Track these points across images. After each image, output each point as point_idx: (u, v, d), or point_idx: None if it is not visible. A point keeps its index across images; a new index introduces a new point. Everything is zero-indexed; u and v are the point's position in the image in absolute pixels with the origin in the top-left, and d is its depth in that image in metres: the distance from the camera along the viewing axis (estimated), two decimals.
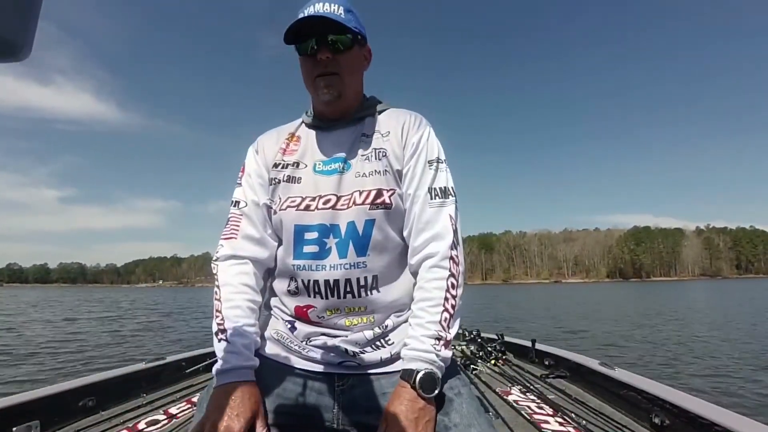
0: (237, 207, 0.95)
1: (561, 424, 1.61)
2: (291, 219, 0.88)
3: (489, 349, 2.71)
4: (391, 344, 0.87)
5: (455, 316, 0.82)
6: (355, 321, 0.87)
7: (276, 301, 0.96)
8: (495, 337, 2.95)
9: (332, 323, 0.87)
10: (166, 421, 1.68)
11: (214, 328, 0.85)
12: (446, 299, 0.81)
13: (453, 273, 0.83)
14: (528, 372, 2.38)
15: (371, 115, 0.96)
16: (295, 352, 0.89)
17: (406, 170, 0.89)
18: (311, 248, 0.86)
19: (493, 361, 2.60)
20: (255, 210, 0.94)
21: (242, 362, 0.81)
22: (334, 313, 0.87)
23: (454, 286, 0.82)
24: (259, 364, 0.84)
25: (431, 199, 0.87)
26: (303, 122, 1.00)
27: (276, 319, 0.94)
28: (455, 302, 0.82)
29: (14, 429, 1.41)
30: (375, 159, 0.89)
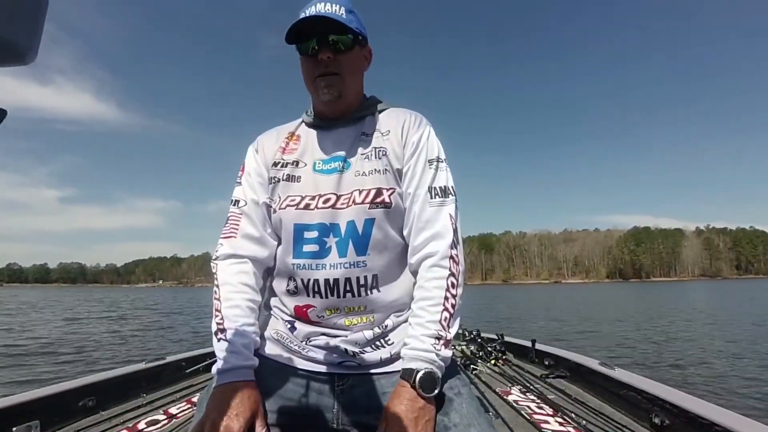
0: (236, 206, 0.95)
1: (561, 424, 1.61)
2: (290, 218, 0.88)
3: (489, 349, 2.71)
4: (391, 344, 0.87)
5: (455, 316, 0.82)
6: (355, 321, 0.86)
7: (276, 301, 0.95)
8: (495, 337, 2.95)
9: (332, 323, 0.87)
10: (166, 421, 1.68)
11: (214, 328, 0.85)
12: (446, 298, 0.81)
13: (453, 272, 0.83)
14: (528, 372, 2.38)
15: (371, 114, 0.96)
16: (295, 352, 0.88)
17: (406, 169, 0.89)
18: (311, 247, 0.86)
19: (493, 361, 2.60)
20: (255, 209, 0.93)
21: (242, 362, 0.81)
22: (334, 313, 0.86)
23: (454, 286, 0.82)
24: (259, 364, 0.84)
25: (431, 198, 0.87)
26: (303, 121, 1.00)
27: (276, 319, 0.94)
28: (455, 301, 0.82)
29: (14, 429, 1.41)
30: (375, 158, 0.89)
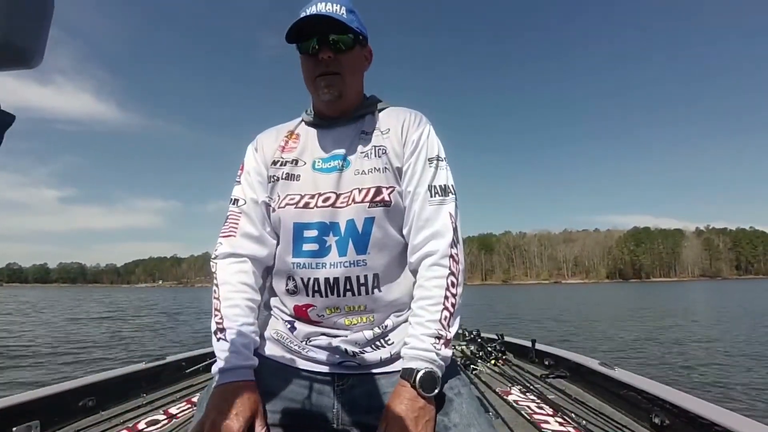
0: (236, 205, 0.94)
1: (561, 424, 1.61)
2: (290, 217, 0.88)
3: (489, 349, 2.71)
4: (391, 344, 0.86)
5: (455, 315, 0.82)
6: (355, 320, 0.86)
7: (276, 301, 0.95)
8: (495, 337, 2.95)
9: (332, 322, 0.87)
10: (166, 421, 1.68)
11: (213, 327, 0.85)
12: (446, 297, 0.81)
13: (453, 271, 0.82)
14: (528, 372, 2.38)
15: (371, 113, 0.96)
16: (295, 353, 0.88)
17: (406, 168, 0.89)
18: (311, 246, 0.86)
19: (493, 361, 2.60)
20: (254, 208, 0.93)
21: (241, 362, 0.81)
22: (334, 312, 0.86)
23: (454, 285, 0.82)
24: (259, 364, 0.84)
25: (431, 197, 0.87)
26: (303, 120, 0.99)
27: (276, 320, 0.94)
28: (455, 301, 0.82)
29: (14, 429, 1.41)
30: (374, 156, 0.89)
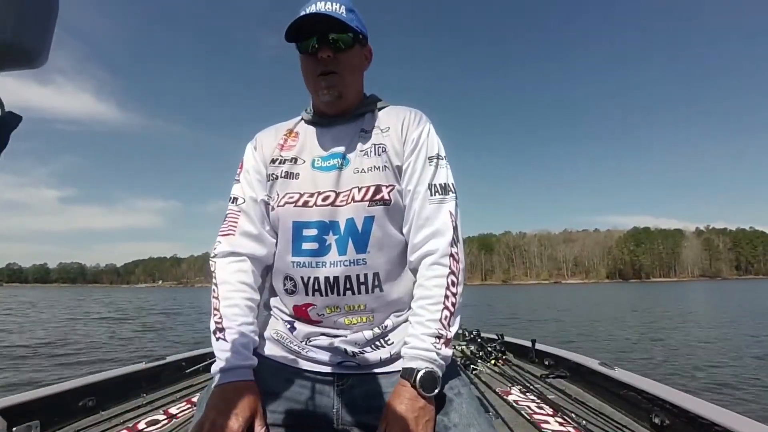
0: (235, 204, 0.94)
1: (561, 424, 1.61)
2: (289, 215, 0.87)
3: (489, 349, 2.71)
4: (391, 344, 0.86)
5: (455, 314, 0.82)
6: (355, 320, 0.86)
7: (275, 301, 0.95)
8: (495, 337, 2.94)
9: (332, 322, 0.87)
10: (166, 421, 1.68)
11: (212, 327, 0.85)
12: (446, 297, 0.80)
13: (453, 270, 0.82)
14: (528, 372, 2.37)
15: (371, 112, 0.96)
16: (295, 352, 0.88)
17: (406, 166, 0.89)
18: (310, 245, 0.86)
19: (493, 361, 2.60)
20: (253, 206, 0.93)
21: (241, 361, 0.80)
22: (334, 311, 0.86)
23: (455, 284, 0.82)
24: (259, 364, 0.84)
25: (431, 196, 0.86)
26: (302, 119, 0.99)
27: (275, 320, 0.93)
28: (455, 300, 0.82)
29: (14, 429, 1.41)
30: (374, 155, 0.89)
